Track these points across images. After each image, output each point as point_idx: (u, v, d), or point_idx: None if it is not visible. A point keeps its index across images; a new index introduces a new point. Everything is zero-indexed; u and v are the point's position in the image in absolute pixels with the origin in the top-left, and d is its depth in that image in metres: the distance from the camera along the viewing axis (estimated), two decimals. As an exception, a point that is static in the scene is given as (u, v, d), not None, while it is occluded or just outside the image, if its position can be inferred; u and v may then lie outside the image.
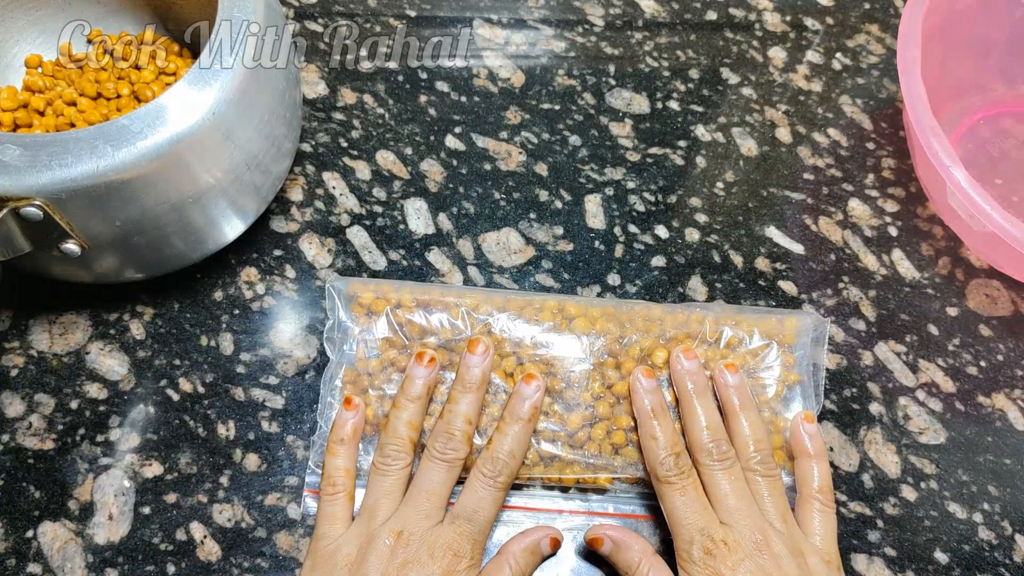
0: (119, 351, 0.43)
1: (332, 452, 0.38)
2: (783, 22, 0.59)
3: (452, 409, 0.38)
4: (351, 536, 0.35)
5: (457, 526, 0.35)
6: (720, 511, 0.35)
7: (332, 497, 0.37)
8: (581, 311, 0.42)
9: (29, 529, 0.39)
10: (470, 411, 0.38)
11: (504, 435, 0.37)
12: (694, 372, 0.39)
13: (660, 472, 0.37)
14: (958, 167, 0.42)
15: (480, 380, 0.38)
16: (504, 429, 0.37)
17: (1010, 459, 0.43)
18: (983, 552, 0.41)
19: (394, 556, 0.34)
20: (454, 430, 0.37)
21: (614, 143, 0.52)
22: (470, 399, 0.38)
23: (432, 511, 0.35)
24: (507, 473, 0.37)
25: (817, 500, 0.37)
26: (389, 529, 0.35)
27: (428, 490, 0.36)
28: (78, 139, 0.35)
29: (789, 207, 0.51)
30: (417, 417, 0.38)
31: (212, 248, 0.43)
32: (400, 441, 0.37)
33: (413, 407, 0.38)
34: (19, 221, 0.35)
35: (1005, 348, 0.47)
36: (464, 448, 0.37)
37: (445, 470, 0.36)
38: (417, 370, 0.39)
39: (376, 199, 0.49)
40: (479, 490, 0.36)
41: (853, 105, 0.55)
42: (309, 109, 0.52)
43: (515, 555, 0.36)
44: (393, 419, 0.38)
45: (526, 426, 0.38)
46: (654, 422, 0.38)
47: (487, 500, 0.36)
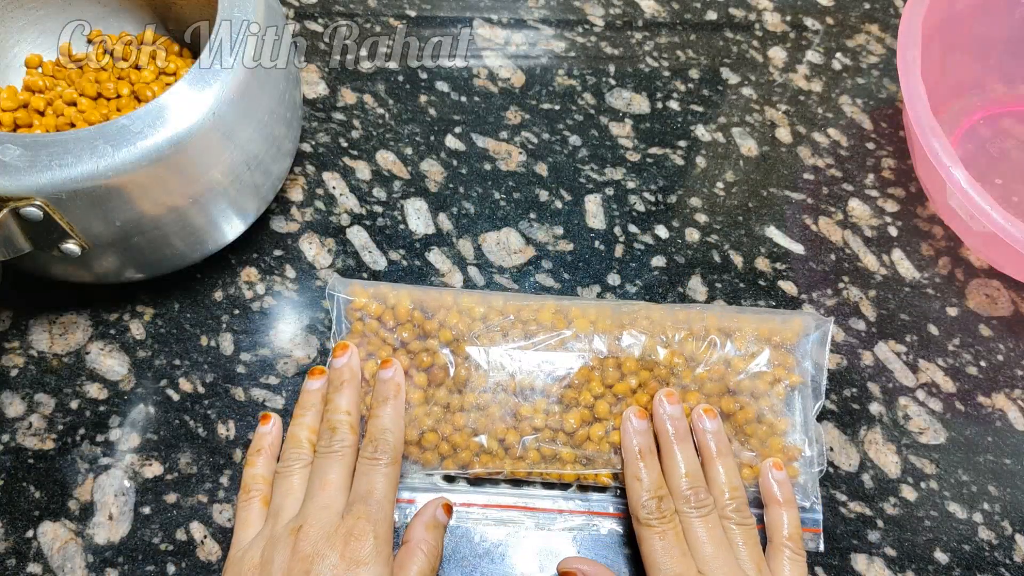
0: (119, 351, 0.43)
1: (249, 463, 0.39)
2: (783, 22, 0.59)
3: (329, 407, 0.39)
4: (258, 540, 0.36)
5: (354, 511, 0.35)
6: (697, 558, 0.36)
7: (246, 502, 0.38)
8: (580, 312, 0.42)
9: (29, 529, 0.39)
10: (346, 403, 0.39)
11: (376, 416, 0.39)
12: (676, 417, 0.40)
13: (641, 514, 0.37)
14: (958, 167, 0.42)
15: (348, 375, 0.40)
16: (375, 411, 0.39)
17: (1010, 459, 0.43)
18: (983, 552, 0.41)
19: (295, 552, 0.34)
20: (335, 423, 0.38)
21: (614, 143, 0.52)
22: (344, 393, 0.39)
23: (329, 501, 0.36)
24: (388, 450, 0.37)
25: (788, 548, 0.38)
26: (290, 528, 0.35)
27: (322, 481, 0.36)
28: (78, 139, 0.35)
29: (789, 207, 0.51)
30: (315, 421, 0.39)
31: (212, 248, 0.43)
32: (300, 443, 0.38)
33: (309, 414, 0.40)
34: (19, 221, 0.35)
35: (1005, 348, 0.47)
36: (349, 436, 0.38)
37: (335, 461, 0.37)
38: (310, 383, 0.41)
39: (376, 199, 0.49)
40: (367, 471, 0.37)
41: (853, 105, 0.55)
42: (309, 109, 0.52)
43: (423, 538, 0.37)
44: (292, 428, 0.39)
45: (394, 402, 0.39)
46: (640, 464, 0.38)
47: (377, 479, 0.36)
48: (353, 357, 0.41)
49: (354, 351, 0.41)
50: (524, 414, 0.40)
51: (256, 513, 0.37)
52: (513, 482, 0.41)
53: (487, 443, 0.40)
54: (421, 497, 0.40)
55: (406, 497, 0.40)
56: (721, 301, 0.47)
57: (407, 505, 0.40)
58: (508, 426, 0.40)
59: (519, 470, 0.39)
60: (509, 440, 0.40)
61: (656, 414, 0.40)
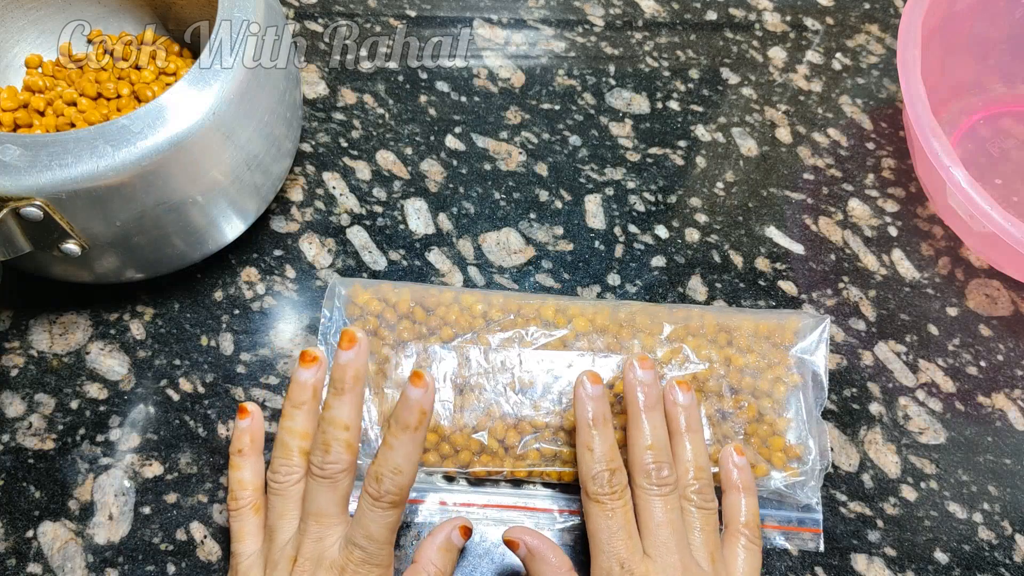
0: (119, 351, 0.43)
1: (233, 466, 0.36)
2: (783, 22, 0.59)
3: (325, 416, 0.33)
4: (257, 560, 0.34)
5: (349, 552, 0.32)
6: (647, 540, 0.34)
7: (237, 513, 0.35)
8: (580, 311, 0.42)
9: (29, 529, 0.39)
10: (347, 416, 0.33)
11: (389, 448, 0.32)
12: (648, 383, 0.36)
13: (591, 488, 0.34)
14: (958, 167, 0.42)
15: (354, 378, 0.33)
16: (389, 440, 0.32)
17: (1010, 459, 0.43)
18: (983, 552, 0.41)
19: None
20: (329, 441, 0.33)
21: (614, 143, 0.52)
22: (345, 401, 0.33)
23: (324, 533, 0.33)
24: (395, 491, 0.32)
25: (743, 535, 0.36)
26: (287, 556, 0.33)
27: (315, 513, 0.33)
28: (78, 139, 0.35)
29: (789, 207, 0.51)
30: (306, 425, 0.35)
31: (212, 248, 0.43)
32: (290, 453, 0.34)
33: (299, 414, 0.35)
34: (19, 221, 0.35)
35: (1005, 348, 0.47)
36: (345, 457, 0.33)
37: (328, 487, 0.33)
38: (300, 373, 0.35)
39: (376, 199, 0.49)
40: (366, 513, 0.32)
41: (853, 105, 0.55)
42: (309, 109, 0.52)
43: (431, 560, 0.35)
44: (280, 431, 0.35)
45: (414, 436, 0.32)
46: (593, 432, 0.35)
47: (377, 524, 0.32)
48: (361, 352, 0.34)
49: (363, 344, 0.34)
50: (524, 413, 0.40)
51: (251, 524, 0.35)
52: (513, 482, 0.41)
53: (487, 442, 0.40)
54: (430, 497, 0.40)
55: (411, 496, 0.40)
56: (721, 301, 0.47)
57: (412, 506, 0.40)
58: (508, 425, 0.40)
59: (519, 470, 0.39)
60: (509, 440, 0.40)
61: (626, 379, 0.37)
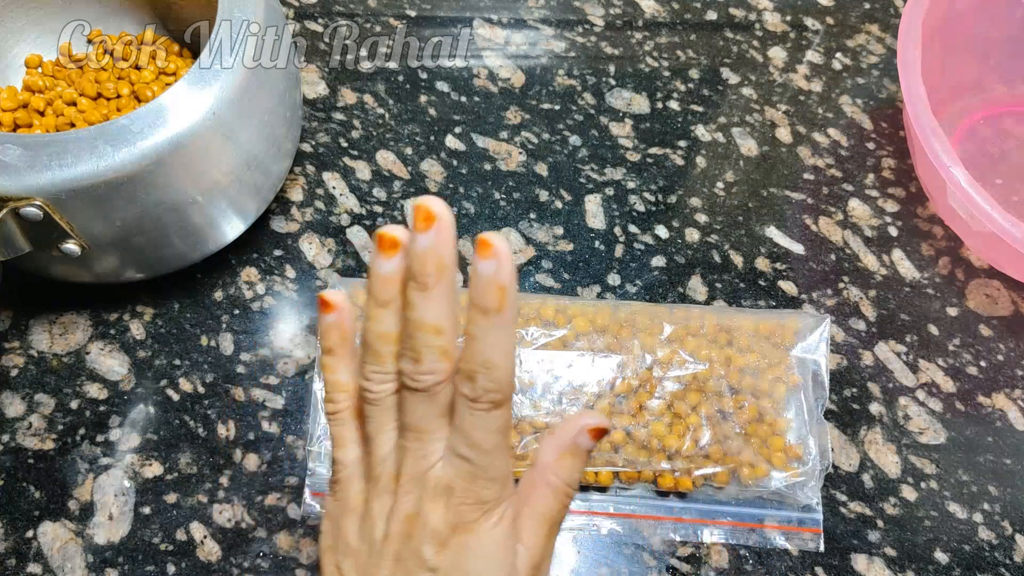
0: (119, 351, 0.43)
1: (326, 367, 0.31)
2: (783, 22, 0.59)
3: (411, 318, 0.28)
4: (357, 471, 0.30)
5: (455, 466, 0.28)
6: None
7: (336, 417, 0.31)
8: (580, 310, 0.42)
9: (29, 529, 0.39)
10: (436, 315, 0.28)
11: (474, 338, 0.27)
12: None
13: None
14: (958, 167, 0.42)
15: (438, 269, 0.28)
16: (472, 330, 0.27)
17: (1010, 459, 0.43)
18: (983, 552, 0.41)
19: (397, 508, 0.29)
20: (420, 347, 0.28)
21: (614, 143, 0.52)
22: (432, 297, 0.28)
23: (426, 450, 0.29)
24: (493, 388, 0.27)
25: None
26: (387, 472, 0.29)
27: (414, 428, 0.29)
28: (78, 139, 0.35)
29: (789, 207, 0.51)
30: (392, 326, 0.29)
31: (212, 248, 0.43)
32: (380, 359, 0.29)
33: (386, 315, 0.29)
34: (19, 221, 0.35)
35: (1005, 348, 0.47)
36: (441, 366, 0.28)
37: (426, 400, 0.28)
38: (381, 264, 0.29)
39: (376, 199, 0.49)
40: (466, 418, 0.28)
41: (853, 105, 0.55)
42: (309, 109, 0.52)
43: (553, 469, 0.29)
44: (366, 334, 0.30)
45: (499, 319, 0.27)
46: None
47: (481, 429, 0.28)
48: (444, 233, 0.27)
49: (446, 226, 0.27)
50: (524, 413, 0.40)
51: (351, 429, 0.31)
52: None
53: (487, 443, 0.40)
54: None
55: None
56: (721, 301, 0.47)
57: None
58: (508, 426, 0.40)
59: (519, 470, 0.39)
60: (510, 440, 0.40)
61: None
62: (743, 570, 0.40)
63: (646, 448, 0.40)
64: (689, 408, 0.40)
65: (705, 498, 0.40)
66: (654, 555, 0.40)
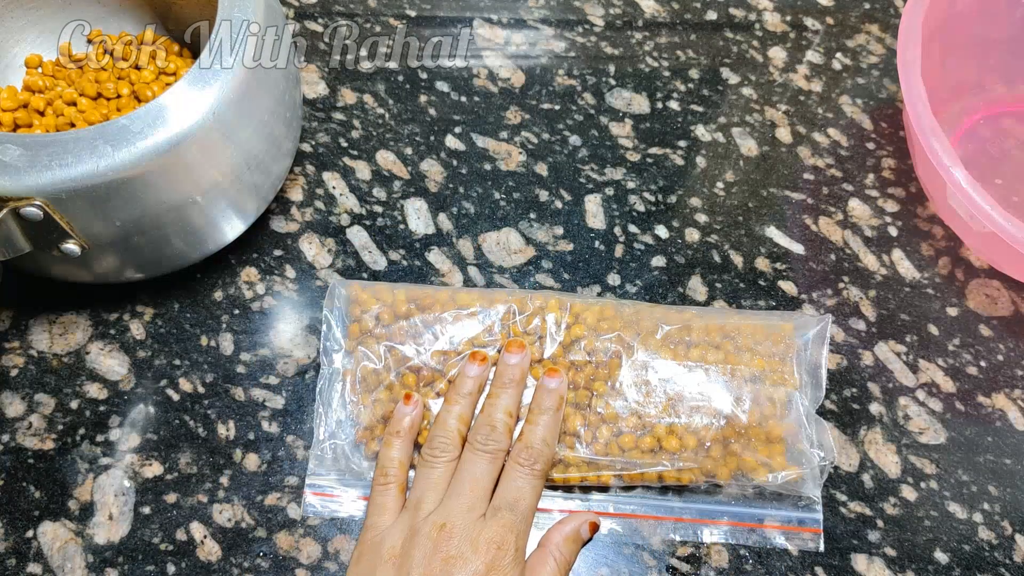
0: (119, 351, 0.43)
1: (388, 444, 0.39)
2: (783, 22, 0.59)
3: (492, 403, 0.39)
4: (397, 528, 0.36)
5: (499, 518, 0.35)
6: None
7: (383, 487, 0.38)
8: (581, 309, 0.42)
9: (29, 529, 0.39)
10: (510, 404, 0.39)
11: (535, 424, 0.38)
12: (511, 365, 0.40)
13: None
14: (958, 167, 0.42)
15: (519, 376, 0.39)
16: (533, 419, 0.38)
17: (1010, 459, 0.43)
18: (983, 552, 0.41)
19: (437, 550, 0.34)
20: (495, 422, 0.38)
21: (614, 143, 0.52)
22: (510, 393, 0.39)
23: (475, 503, 0.36)
24: (543, 460, 0.37)
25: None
26: (433, 522, 0.35)
27: (471, 481, 0.36)
28: (78, 139, 0.35)
29: (789, 207, 0.51)
30: (467, 412, 0.39)
31: (212, 248, 0.43)
32: (449, 434, 0.38)
33: (464, 402, 0.39)
34: (19, 221, 0.35)
35: (1005, 348, 0.47)
36: (505, 440, 0.38)
37: (487, 462, 0.37)
38: (470, 368, 0.40)
39: (376, 199, 0.49)
40: (517, 479, 0.37)
41: (853, 105, 0.55)
42: (309, 109, 0.52)
43: (557, 546, 0.37)
44: (443, 413, 0.39)
45: (554, 416, 0.39)
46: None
47: (526, 489, 0.37)
48: (526, 359, 0.40)
49: (528, 353, 0.40)
50: (524, 414, 0.40)
51: (393, 499, 0.37)
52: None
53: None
54: None
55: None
56: (721, 301, 0.47)
57: None
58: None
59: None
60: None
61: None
62: (743, 570, 0.40)
63: (647, 449, 0.40)
64: (689, 408, 0.40)
65: (705, 498, 0.40)
66: (654, 555, 0.40)
